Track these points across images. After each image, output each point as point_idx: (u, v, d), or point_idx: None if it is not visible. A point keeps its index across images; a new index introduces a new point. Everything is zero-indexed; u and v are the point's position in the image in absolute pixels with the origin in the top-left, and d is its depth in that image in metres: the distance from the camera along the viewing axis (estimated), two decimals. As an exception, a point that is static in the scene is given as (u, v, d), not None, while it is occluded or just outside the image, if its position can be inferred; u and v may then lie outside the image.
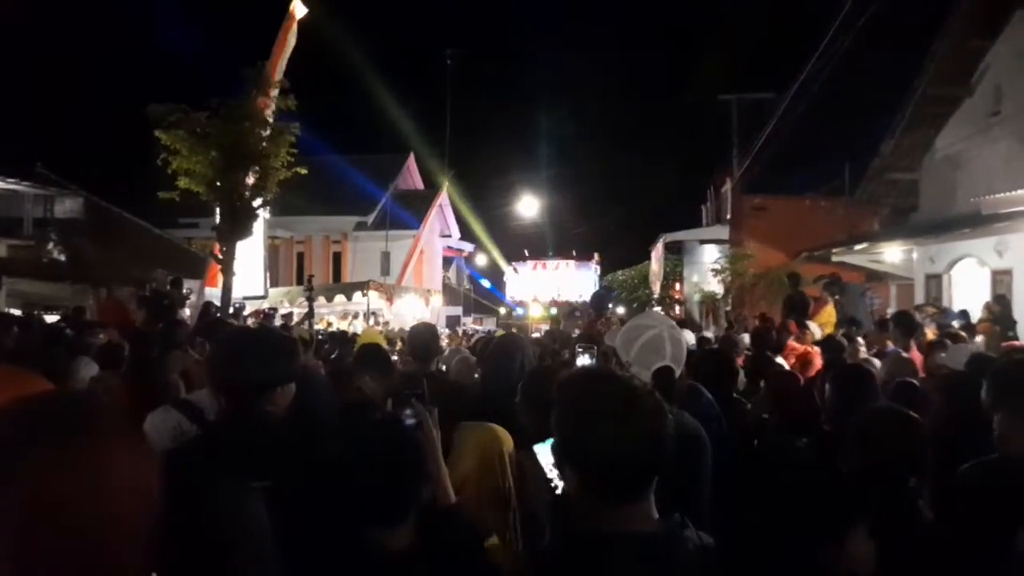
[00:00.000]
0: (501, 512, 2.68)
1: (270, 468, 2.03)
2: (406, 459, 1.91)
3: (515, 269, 32.20)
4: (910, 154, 15.94)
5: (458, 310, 30.22)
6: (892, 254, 15.41)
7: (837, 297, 10.59)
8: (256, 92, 13.82)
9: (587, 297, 21.60)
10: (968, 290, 13.24)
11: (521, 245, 33.82)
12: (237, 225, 13.81)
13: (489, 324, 29.30)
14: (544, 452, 2.43)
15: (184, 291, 12.51)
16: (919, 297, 14.52)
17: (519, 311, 29.55)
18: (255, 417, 2.21)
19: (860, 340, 7.21)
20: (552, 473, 2.45)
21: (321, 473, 1.99)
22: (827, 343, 6.93)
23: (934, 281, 14.54)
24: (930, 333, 7.76)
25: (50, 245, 15.36)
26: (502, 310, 34.20)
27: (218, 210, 14.02)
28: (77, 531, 0.94)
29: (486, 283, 36.93)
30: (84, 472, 0.97)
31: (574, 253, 32.53)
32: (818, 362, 6.83)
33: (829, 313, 10.25)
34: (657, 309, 19.79)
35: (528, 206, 36.60)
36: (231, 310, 13.15)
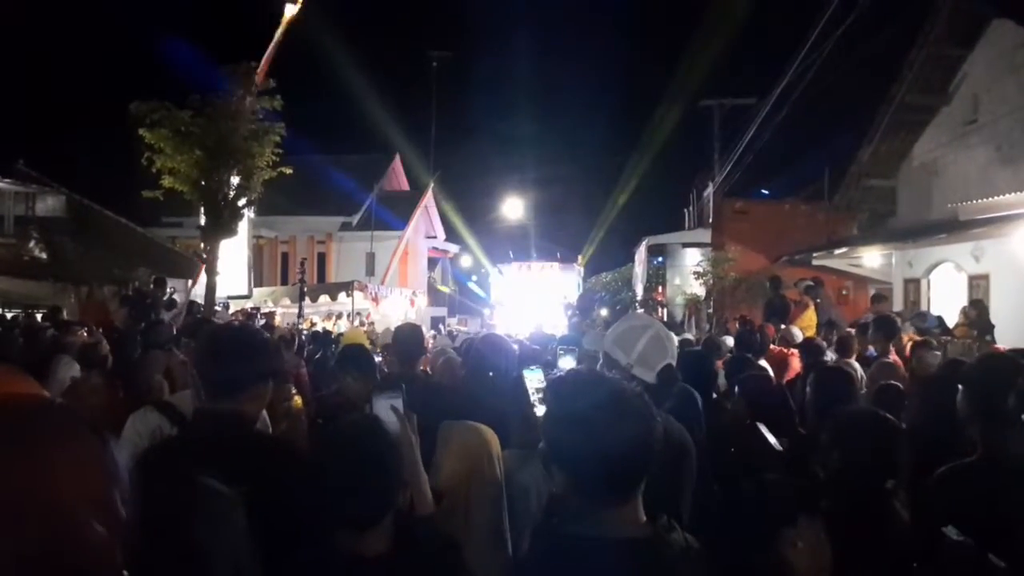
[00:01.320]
0: (489, 512, 2.68)
1: (247, 471, 1.96)
2: (380, 458, 1.84)
3: (500, 271, 32.26)
4: (887, 161, 16.16)
5: (443, 311, 30.20)
6: (871, 259, 15.61)
7: (818, 300, 10.72)
8: (242, 92, 13.77)
9: (571, 299, 21.70)
10: (946, 295, 13.44)
11: (506, 247, 33.93)
12: (221, 224, 13.76)
13: (474, 325, 29.31)
14: (532, 376, 2.46)
15: (169, 291, 12.44)
16: (898, 301, 14.72)
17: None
18: (231, 417, 2.17)
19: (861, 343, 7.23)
20: (536, 397, 2.48)
21: (296, 473, 1.94)
22: (807, 346, 7.02)
23: (912, 285, 14.75)
24: (906, 338, 7.88)
25: (31, 243, 15.18)
26: (486, 311, 34.23)
27: (202, 209, 13.96)
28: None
29: (473, 287, 36.95)
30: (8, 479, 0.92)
31: (558, 255, 32.63)
32: (796, 364, 6.92)
33: (810, 317, 10.38)
34: (641, 311, 19.89)
35: (513, 208, 36.69)
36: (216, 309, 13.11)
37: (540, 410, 2.50)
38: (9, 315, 10.92)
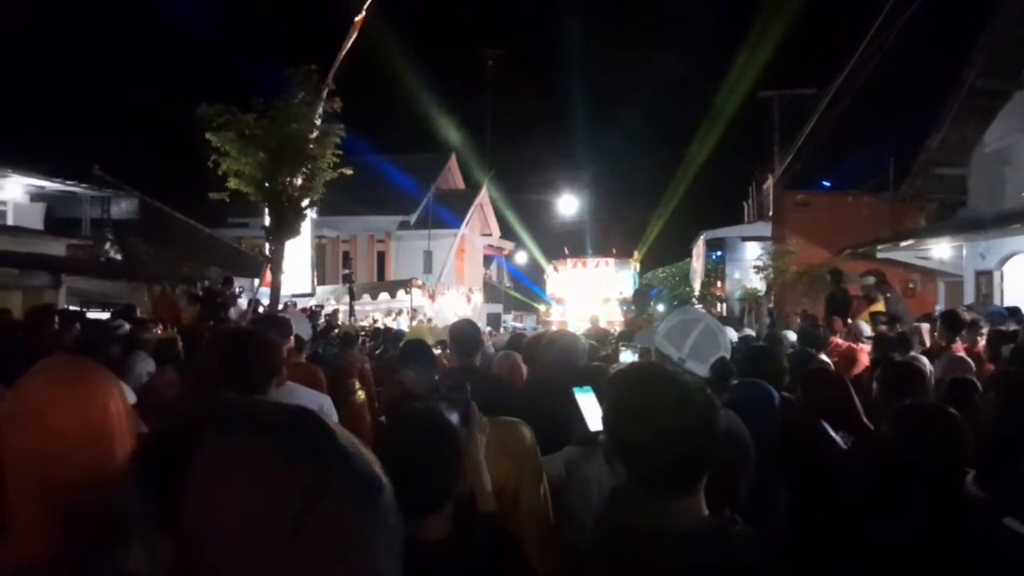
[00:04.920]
0: (539, 505, 2.62)
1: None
2: (441, 443, 1.87)
3: (555, 267, 32.18)
4: (958, 149, 15.58)
5: (499, 307, 30.37)
6: (940, 250, 15.10)
7: (888, 295, 10.42)
8: (305, 95, 14.06)
9: (628, 295, 21.58)
10: (1020, 287, 12.92)
11: (561, 243, 33.73)
12: (285, 225, 14.07)
13: (529, 322, 29.35)
14: (584, 397, 2.48)
15: (237, 289, 12.84)
16: (968, 294, 14.21)
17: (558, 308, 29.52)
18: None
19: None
20: (588, 415, 2.50)
21: None
22: (875, 340, 6.87)
23: (984, 278, 14.20)
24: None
25: (107, 244, 15.84)
26: (541, 307, 34.20)
27: (267, 210, 14.33)
28: None
29: (529, 284, 36.96)
30: None
31: (614, 251, 32.35)
32: (864, 359, 6.79)
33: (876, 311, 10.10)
34: (699, 307, 19.66)
35: (568, 204, 36.56)
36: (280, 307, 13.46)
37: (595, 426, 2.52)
38: (104, 315, 11.37)
